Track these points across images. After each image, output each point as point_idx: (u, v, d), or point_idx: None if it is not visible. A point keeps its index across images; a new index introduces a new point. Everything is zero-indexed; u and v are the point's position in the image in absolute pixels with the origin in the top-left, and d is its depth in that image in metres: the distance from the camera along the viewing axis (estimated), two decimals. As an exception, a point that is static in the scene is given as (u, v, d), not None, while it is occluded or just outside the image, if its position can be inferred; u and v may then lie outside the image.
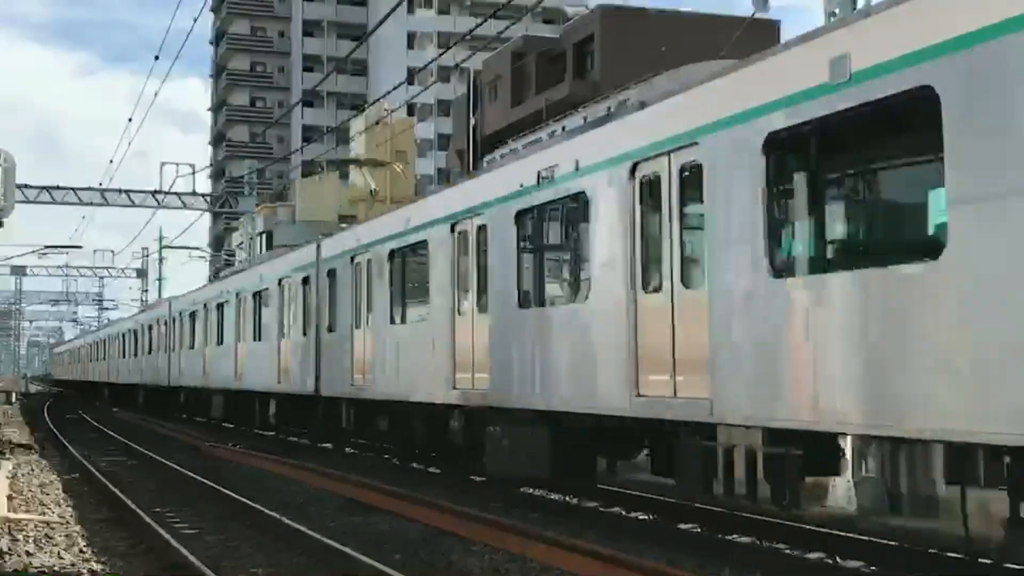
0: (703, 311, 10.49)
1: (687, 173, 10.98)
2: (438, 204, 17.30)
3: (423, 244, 17.27)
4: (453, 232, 16.18)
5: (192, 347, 37.23)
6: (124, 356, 55.23)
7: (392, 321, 18.74)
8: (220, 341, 32.55)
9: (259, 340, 28.11)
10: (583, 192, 12.73)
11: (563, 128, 14.78)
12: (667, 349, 11.06)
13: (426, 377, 16.88)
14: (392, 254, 18.70)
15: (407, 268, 18.51)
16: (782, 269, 9.72)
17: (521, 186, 14.15)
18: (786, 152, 9.76)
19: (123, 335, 56.57)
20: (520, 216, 14.27)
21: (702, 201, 10.68)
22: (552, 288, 14.06)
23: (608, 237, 12.24)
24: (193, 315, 37.17)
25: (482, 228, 15.28)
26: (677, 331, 10.97)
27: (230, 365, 30.88)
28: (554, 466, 13.65)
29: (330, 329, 22.28)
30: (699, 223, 10.83)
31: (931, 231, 8.52)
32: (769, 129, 9.69)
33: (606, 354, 12.16)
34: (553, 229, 14.20)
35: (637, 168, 11.72)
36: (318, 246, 23.28)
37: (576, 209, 13.03)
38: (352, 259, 20.71)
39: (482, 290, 15.32)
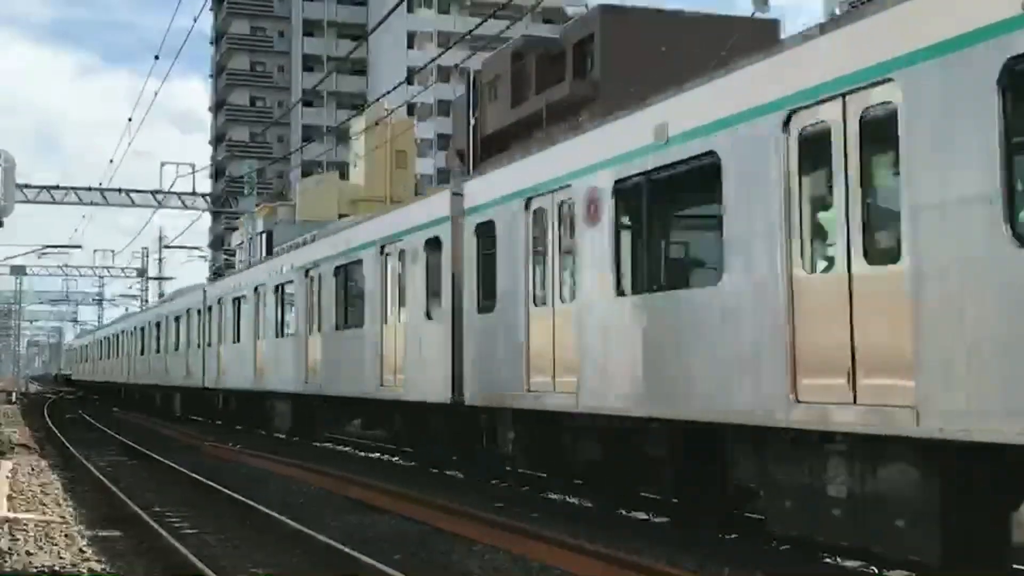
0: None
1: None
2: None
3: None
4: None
5: (237, 340, 31.06)
6: (155, 351, 46.31)
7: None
8: (280, 332, 27.01)
9: (346, 327, 21.80)
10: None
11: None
12: None
13: None
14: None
15: None
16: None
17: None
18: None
19: (144, 328, 49.68)
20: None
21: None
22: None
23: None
24: (239, 301, 30.93)
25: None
26: None
27: (295, 362, 25.15)
28: None
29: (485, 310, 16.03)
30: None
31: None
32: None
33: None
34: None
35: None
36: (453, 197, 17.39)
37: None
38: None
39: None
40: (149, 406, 48.46)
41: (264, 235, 62.51)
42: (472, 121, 57.29)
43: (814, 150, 9.57)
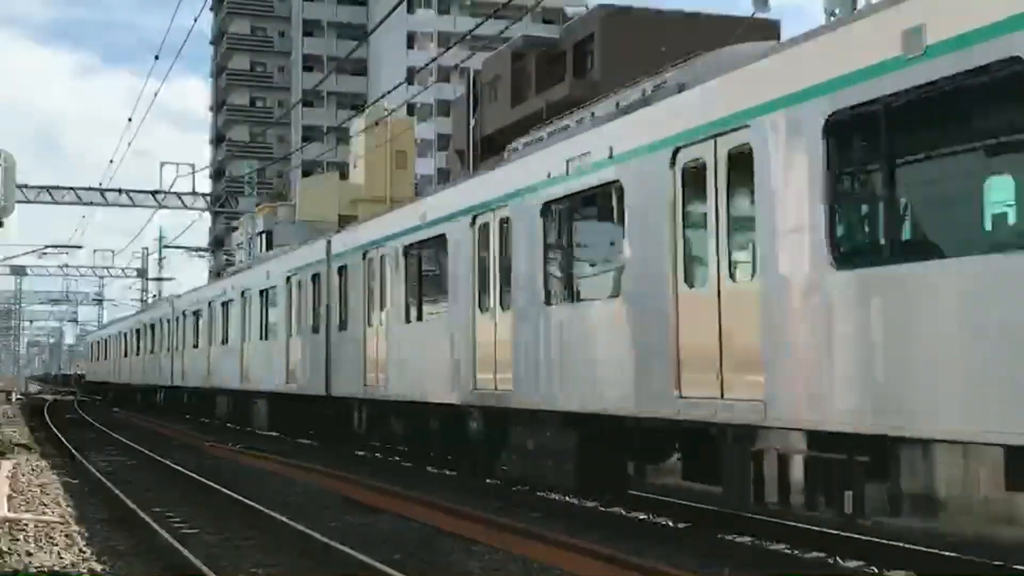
0: None
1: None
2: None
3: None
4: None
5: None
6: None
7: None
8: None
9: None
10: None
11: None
12: None
13: None
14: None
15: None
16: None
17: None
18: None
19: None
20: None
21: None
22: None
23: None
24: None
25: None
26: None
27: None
28: None
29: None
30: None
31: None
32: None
33: None
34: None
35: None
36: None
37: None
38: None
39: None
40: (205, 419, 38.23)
41: (264, 235, 62.51)
42: (472, 121, 57.32)
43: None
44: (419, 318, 18.79)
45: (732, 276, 10.65)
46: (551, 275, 14.14)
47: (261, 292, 29.17)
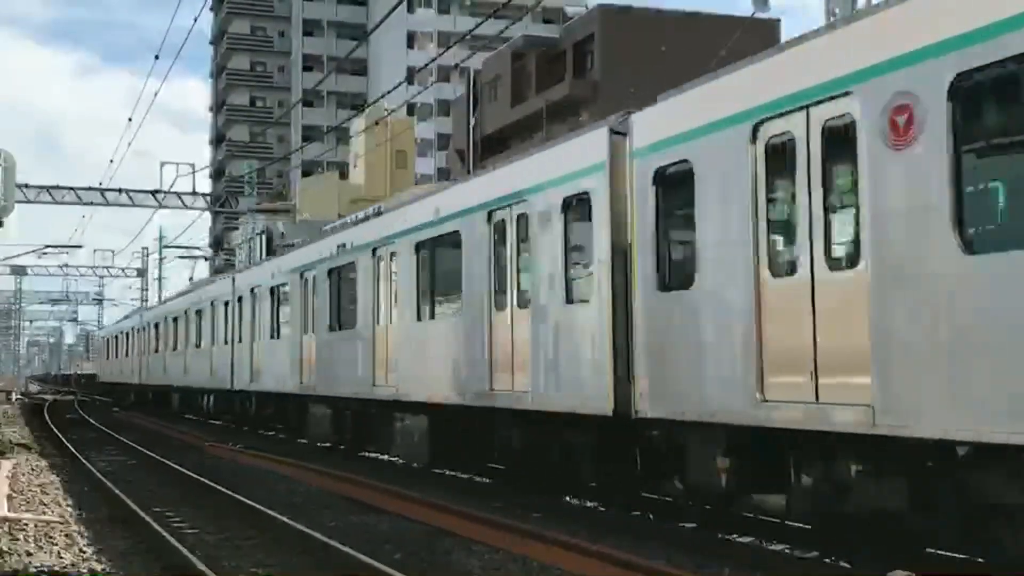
0: None
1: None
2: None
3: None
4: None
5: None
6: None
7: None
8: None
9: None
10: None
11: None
12: None
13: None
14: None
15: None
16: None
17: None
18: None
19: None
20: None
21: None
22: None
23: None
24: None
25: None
26: None
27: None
28: None
29: None
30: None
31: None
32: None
33: None
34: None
35: None
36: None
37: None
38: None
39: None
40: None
41: (264, 235, 62.50)
42: (472, 121, 57.33)
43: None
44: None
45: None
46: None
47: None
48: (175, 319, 42.79)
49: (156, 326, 47.58)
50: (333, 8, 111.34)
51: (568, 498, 15.42)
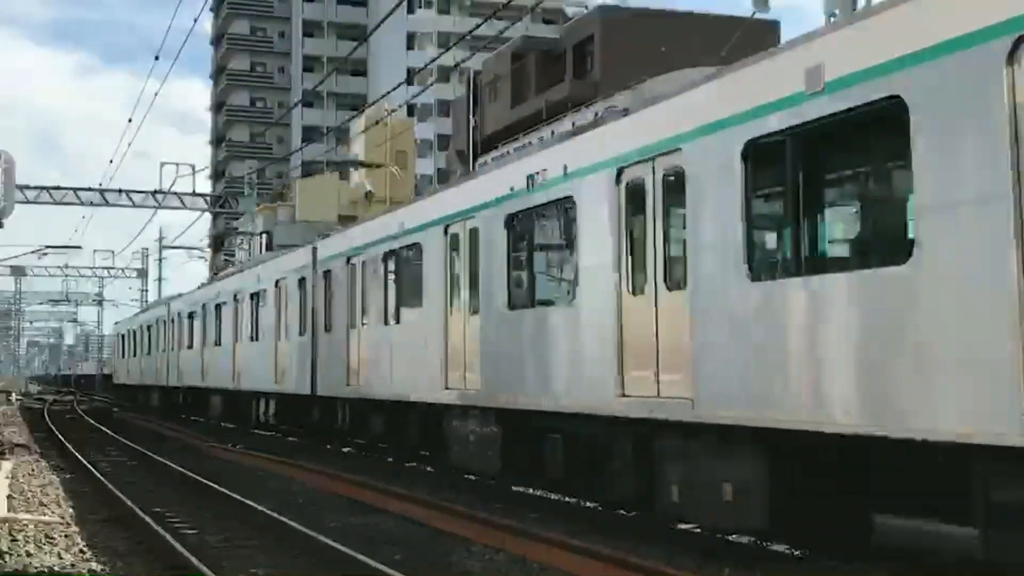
0: None
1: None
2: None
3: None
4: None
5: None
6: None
7: None
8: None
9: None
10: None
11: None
12: None
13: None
14: None
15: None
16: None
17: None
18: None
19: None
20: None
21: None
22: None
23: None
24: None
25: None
26: None
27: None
28: None
29: None
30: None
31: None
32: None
33: None
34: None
35: None
36: None
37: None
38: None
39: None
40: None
41: (264, 235, 62.50)
42: (472, 121, 57.33)
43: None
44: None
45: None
46: None
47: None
48: (218, 307, 34.30)
49: (191, 317, 39.01)
50: (333, 9, 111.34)
51: (568, 497, 15.42)
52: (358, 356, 21.37)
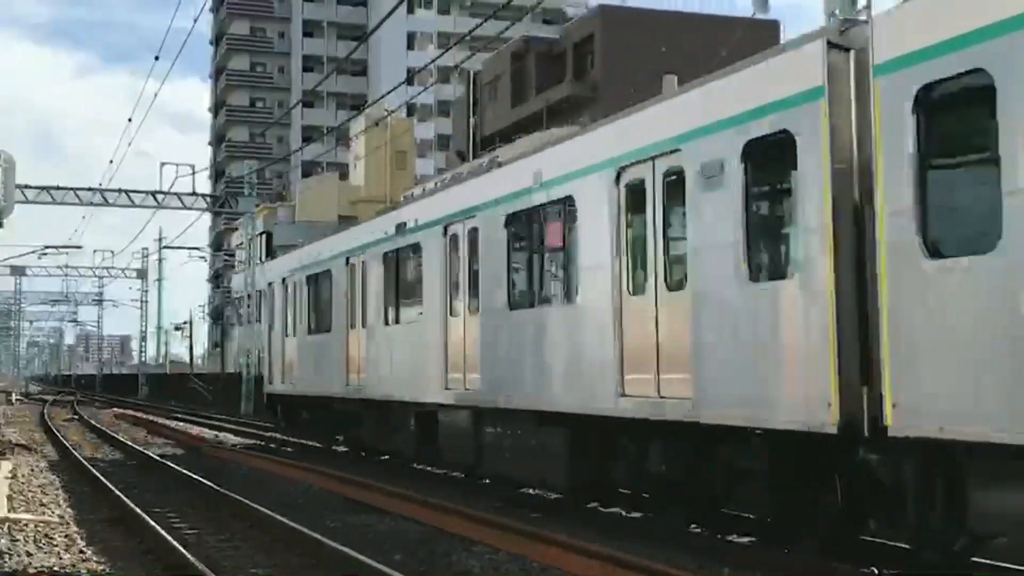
0: None
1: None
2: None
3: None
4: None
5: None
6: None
7: None
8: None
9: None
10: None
11: None
12: None
13: None
14: None
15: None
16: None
17: None
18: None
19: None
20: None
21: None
22: None
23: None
24: None
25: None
26: None
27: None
28: None
29: None
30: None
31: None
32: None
33: None
34: None
35: None
36: None
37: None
38: None
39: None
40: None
41: (264, 235, 62.57)
42: (472, 121, 57.34)
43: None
44: None
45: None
46: None
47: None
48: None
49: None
50: (333, 9, 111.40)
51: (566, 497, 15.41)
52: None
